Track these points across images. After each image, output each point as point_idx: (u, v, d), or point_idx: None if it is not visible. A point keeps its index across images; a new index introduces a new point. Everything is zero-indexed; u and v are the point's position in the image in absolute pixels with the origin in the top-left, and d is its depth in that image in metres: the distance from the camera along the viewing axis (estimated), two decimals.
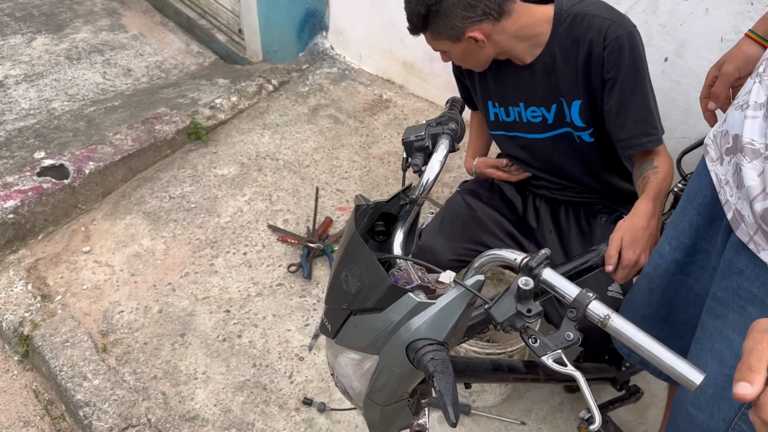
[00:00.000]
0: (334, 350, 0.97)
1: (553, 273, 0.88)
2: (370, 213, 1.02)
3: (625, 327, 0.81)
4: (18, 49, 3.68)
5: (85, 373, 2.03)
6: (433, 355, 0.80)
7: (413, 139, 1.10)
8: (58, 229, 2.53)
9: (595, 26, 1.49)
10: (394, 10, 3.12)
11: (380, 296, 0.85)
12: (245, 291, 2.31)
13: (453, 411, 0.74)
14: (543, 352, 0.83)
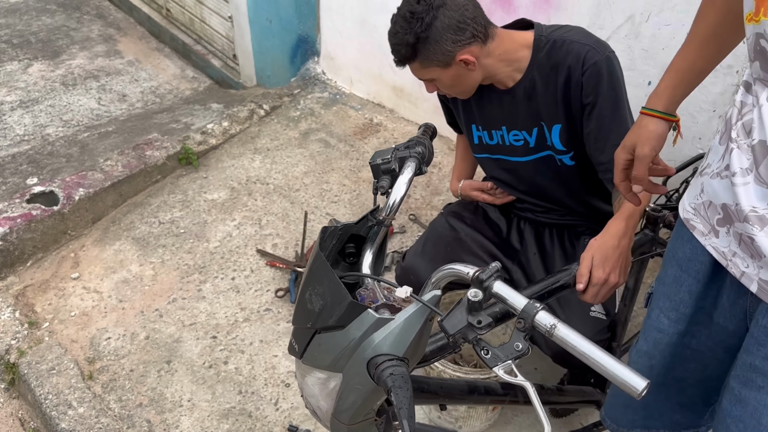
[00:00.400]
0: (302, 370, 0.98)
1: (503, 285, 0.90)
2: (338, 235, 1.03)
3: (571, 336, 0.82)
4: (14, 76, 3.72)
5: (70, 401, 2.03)
6: (392, 371, 0.81)
7: (380, 162, 1.12)
8: (47, 256, 2.54)
9: (574, 52, 1.51)
10: (382, 35, 3.13)
11: (341, 313, 0.86)
12: (232, 316, 2.31)
13: (409, 424, 0.75)
14: (494, 363, 0.84)
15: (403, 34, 1.48)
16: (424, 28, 1.46)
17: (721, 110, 2.12)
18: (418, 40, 1.47)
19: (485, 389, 1.27)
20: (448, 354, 1.08)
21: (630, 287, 1.62)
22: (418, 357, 0.93)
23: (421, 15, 1.46)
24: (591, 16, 2.33)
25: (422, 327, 0.85)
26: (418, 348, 0.88)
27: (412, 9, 1.47)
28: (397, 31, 1.50)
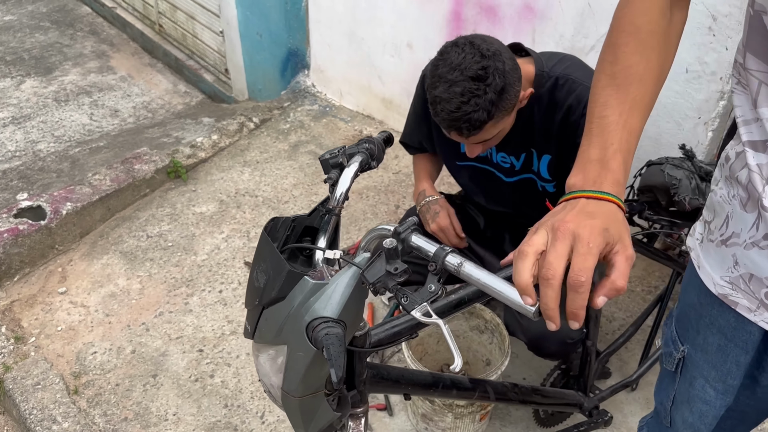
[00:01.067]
0: (256, 351, 1.01)
1: (418, 237, 0.96)
2: (292, 226, 1.07)
3: (475, 271, 0.88)
4: (6, 92, 3.74)
5: (55, 416, 2.01)
6: (327, 331, 0.85)
7: (328, 157, 1.17)
8: (35, 270, 2.54)
9: (576, 93, 1.52)
10: (371, 47, 3.17)
11: (281, 283, 0.91)
12: (219, 330, 2.29)
13: (336, 372, 0.80)
14: (412, 306, 0.90)
15: (477, 98, 1.36)
16: (499, 81, 1.36)
17: (706, 117, 2.12)
18: (499, 96, 1.37)
19: (451, 382, 1.27)
20: (404, 339, 1.10)
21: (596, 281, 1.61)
22: (356, 321, 0.97)
23: (490, 70, 1.36)
24: (575, 26, 2.34)
25: (355, 289, 0.90)
26: (354, 310, 0.92)
27: (474, 70, 1.35)
28: (463, 102, 1.36)
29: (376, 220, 2.76)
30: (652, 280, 2.46)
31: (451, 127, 1.42)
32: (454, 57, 1.37)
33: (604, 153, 0.79)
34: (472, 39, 1.39)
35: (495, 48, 1.38)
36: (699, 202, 1.52)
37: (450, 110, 1.38)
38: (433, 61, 1.44)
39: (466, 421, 1.85)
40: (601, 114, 0.82)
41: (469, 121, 1.38)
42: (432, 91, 1.40)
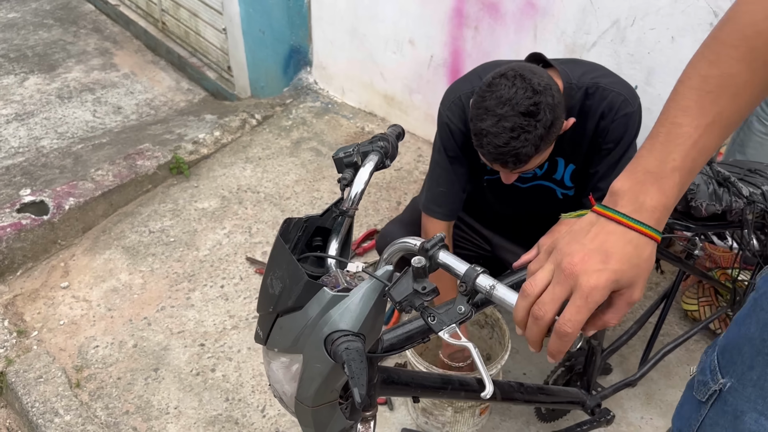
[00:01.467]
0: (267, 357, 0.99)
1: (447, 254, 0.92)
2: (304, 227, 1.04)
3: (509, 295, 0.84)
4: (10, 89, 3.75)
5: (57, 409, 2.02)
6: (347, 345, 0.82)
7: (342, 155, 1.13)
8: (37, 265, 2.55)
9: (609, 99, 1.52)
10: (373, 44, 3.18)
11: (299, 293, 0.88)
12: (221, 324, 2.30)
13: (359, 393, 0.77)
14: (439, 327, 0.88)
15: (526, 134, 1.32)
16: (549, 116, 1.33)
17: None
18: (547, 131, 1.34)
19: (459, 383, 1.27)
20: (416, 344, 1.08)
21: None
22: (376, 333, 0.94)
23: (542, 105, 1.32)
24: (577, 22, 2.34)
25: (376, 302, 0.87)
26: (373, 324, 0.90)
27: (526, 105, 1.32)
28: (513, 137, 1.32)
29: (378, 217, 2.76)
30: (652, 276, 2.46)
31: (496, 160, 1.39)
32: (504, 90, 1.32)
33: (662, 167, 0.69)
34: (522, 71, 1.34)
35: (546, 82, 1.34)
36: (715, 208, 1.51)
37: (497, 144, 1.34)
38: (479, 92, 1.38)
39: (465, 415, 1.86)
40: (676, 119, 0.69)
41: (516, 156, 1.36)
42: (478, 123, 1.36)
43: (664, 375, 2.11)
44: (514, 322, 0.74)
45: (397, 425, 1.96)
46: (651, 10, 2.12)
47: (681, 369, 2.14)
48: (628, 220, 0.68)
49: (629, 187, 0.69)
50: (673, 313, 2.30)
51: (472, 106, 1.39)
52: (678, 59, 2.12)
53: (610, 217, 0.69)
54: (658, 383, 2.09)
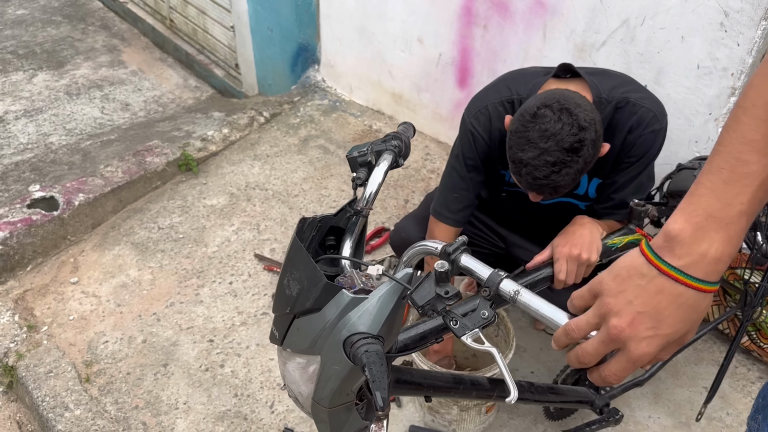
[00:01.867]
0: (283, 358, 0.99)
1: (469, 258, 0.93)
2: (318, 227, 1.04)
3: (533, 300, 0.85)
4: (19, 86, 3.77)
5: (67, 404, 2.03)
6: (366, 348, 0.82)
7: (356, 155, 1.13)
8: (47, 260, 2.56)
9: (639, 114, 1.52)
10: (381, 42, 3.18)
11: (317, 295, 0.88)
12: (229, 320, 2.31)
13: (381, 396, 0.76)
14: (462, 332, 0.87)
15: (567, 169, 1.32)
16: (591, 152, 1.33)
17: (717, 113, 2.12)
18: (587, 164, 1.35)
19: (471, 382, 1.27)
20: (430, 344, 1.09)
21: None
22: (394, 336, 0.94)
23: (586, 142, 1.32)
24: (587, 21, 2.34)
25: (396, 305, 0.87)
26: (393, 326, 0.89)
27: (570, 142, 1.30)
28: (554, 171, 1.32)
29: (386, 215, 2.77)
30: None
31: (532, 189, 1.39)
32: (549, 124, 1.30)
33: (727, 211, 0.60)
34: (567, 104, 1.31)
35: (590, 116, 1.32)
36: None
37: (537, 176, 1.34)
38: (521, 120, 1.35)
39: (472, 413, 1.86)
40: (742, 155, 0.60)
41: (554, 189, 1.36)
42: (518, 153, 1.34)
43: (671, 374, 2.11)
44: (553, 341, 0.73)
45: (405, 422, 1.97)
46: (661, 9, 2.12)
47: (688, 368, 2.14)
48: (685, 277, 0.60)
49: (689, 234, 0.60)
50: None
51: (512, 133, 1.37)
52: (688, 59, 2.12)
53: (664, 272, 0.61)
54: (666, 382, 2.09)
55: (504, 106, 1.59)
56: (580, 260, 1.37)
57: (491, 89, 1.65)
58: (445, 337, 1.12)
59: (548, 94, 1.36)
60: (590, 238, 1.42)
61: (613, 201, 1.62)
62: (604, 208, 1.63)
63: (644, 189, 1.62)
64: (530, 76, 1.60)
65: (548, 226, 1.82)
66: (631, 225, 1.52)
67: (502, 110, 1.59)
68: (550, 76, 1.56)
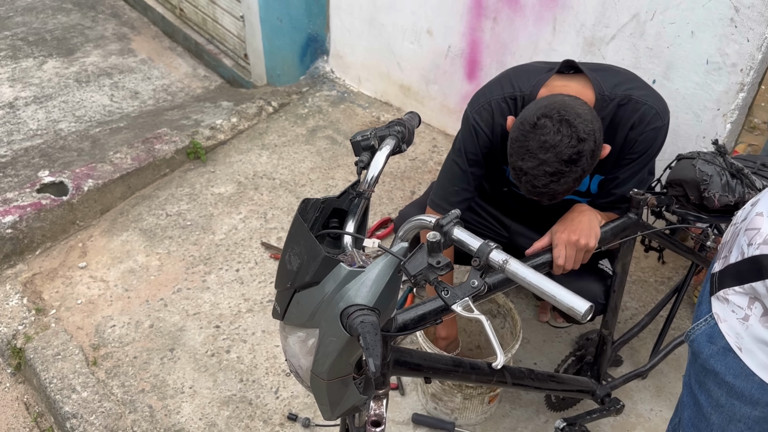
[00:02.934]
0: (284, 332, 1.02)
1: (461, 230, 0.95)
2: (321, 208, 1.07)
3: (520, 269, 0.88)
4: (29, 72, 3.79)
5: (74, 386, 2.06)
6: (362, 319, 0.85)
7: (360, 139, 1.16)
8: (56, 245, 2.58)
9: (641, 112, 1.52)
10: (390, 34, 3.19)
11: (316, 269, 0.91)
12: (236, 307, 2.33)
13: (374, 361, 0.79)
14: (453, 301, 0.90)
15: (565, 178, 1.34)
16: (590, 161, 1.34)
17: (725, 109, 2.12)
18: (585, 172, 1.36)
19: (470, 366, 1.29)
20: (429, 324, 1.11)
21: (618, 273, 1.63)
22: (390, 309, 0.97)
23: (585, 153, 1.32)
24: (596, 15, 2.34)
25: (391, 278, 0.90)
26: (388, 299, 0.92)
27: (569, 154, 1.31)
28: (552, 181, 1.34)
29: (392, 206, 2.78)
30: (665, 270, 2.47)
31: (531, 195, 1.40)
32: (548, 136, 1.30)
33: None
34: (567, 115, 1.31)
35: (590, 127, 1.32)
36: (728, 199, 1.52)
37: (536, 185, 1.35)
38: (521, 128, 1.35)
39: (475, 402, 1.88)
40: None
41: (552, 196, 1.38)
42: (518, 162, 1.35)
43: (674, 368, 2.12)
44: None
45: (408, 410, 1.99)
46: (671, 4, 2.12)
47: None
48: None
49: None
50: (684, 306, 2.31)
51: (512, 141, 1.38)
52: (697, 54, 2.12)
53: None
54: (668, 376, 2.10)
55: (507, 102, 1.59)
56: (579, 246, 1.39)
57: (494, 85, 1.66)
58: (445, 318, 1.14)
59: (549, 102, 1.36)
60: (589, 224, 1.43)
61: (614, 196, 1.63)
62: (605, 203, 1.64)
63: (645, 184, 1.64)
64: (533, 73, 1.60)
65: (551, 216, 1.83)
66: (630, 214, 1.53)
67: (505, 106, 1.59)
68: (553, 72, 1.56)
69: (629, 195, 1.52)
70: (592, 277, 1.68)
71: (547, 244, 1.42)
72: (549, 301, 0.87)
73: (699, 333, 1.02)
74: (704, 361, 1.00)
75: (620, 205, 1.61)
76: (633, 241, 1.58)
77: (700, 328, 1.02)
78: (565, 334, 2.24)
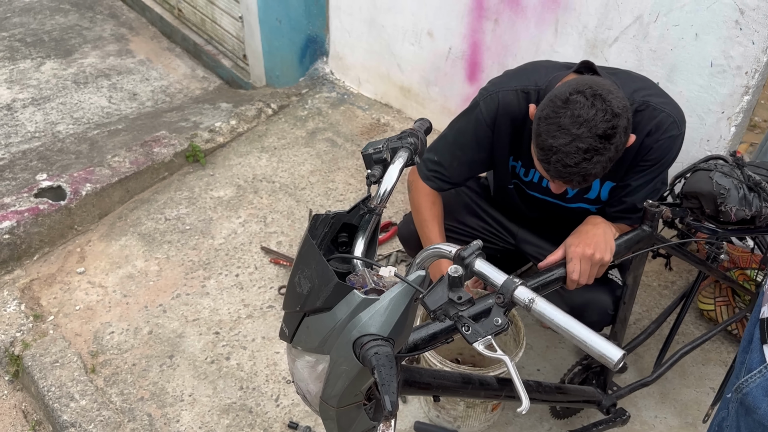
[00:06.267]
0: (292, 355, 0.99)
1: (484, 263, 0.92)
2: (331, 223, 1.04)
3: (548, 309, 0.85)
4: (27, 74, 3.76)
5: (73, 394, 2.04)
6: (376, 350, 0.81)
7: (371, 151, 1.11)
8: (54, 250, 2.56)
9: (658, 119, 1.50)
10: (391, 35, 3.16)
11: (328, 294, 0.87)
12: (235, 313, 2.31)
13: (389, 400, 0.76)
14: (474, 338, 0.86)
15: (599, 156, 1.29)
16: (624, 139, 1.30)
17: (730, 112, 2.10)
18: (618, 153, 1.31)
19: (480, 382, 1.26)
20: (440, 344, 1.08)
21: (629, 284, 1.60)
22: (404, 338, 0.93)
23: (619, 129, 1.28)
24: (599, 17, 2.32)
25: (407, 307, 0.86)
26: (403, 328, 0.88)
27: (604, 128, 1.27)
28: (586, 158, 1.28)
29: (393, 209, 2.76)
30: (668, 275, 2.45)
31: (560, 177, 1.34)
32: (582, 110, 1.26)
33: None
34: (600, 91, 1.28)
35: (623, 103, 1.29)
36: (744, 213, 1.49)
37: (567, 164, 1.29)
38: (552, 105, 1.31)
39: (477, 410, 1.86)
40: None
41: (584, 177, 1.32)
42: (548, 140, 1.30)
43: (678, 374, 2.10)
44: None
45: (410, 418, 1.97)
46: (675, 6, 2.10)
47: (696, 369, 2.13)
48: None
49: None
50: (689, 312, 2.29)
51: (542, 120, 1.32)
52: (701, 56, 2.09)
53: None
54: (673, 382, 2.08)
55: (518, 94, 1.56)
56: (594, 260, 1.35)
57: (511, 76, 1.63)
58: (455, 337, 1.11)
59: (580, 80, 1.33)
60: (604, 237, 1.40)
61: (625, 204, 1.60)
62: (616, 212, 1.62)
63: (657, 194, 1.61)
64: (551, 69, 1.58)
65: (558, 223, 1.81)
66: (644, 226, 1.51)
67: (514, 98, 1.56)
68: (571, 71, 1.53)
69: (644, 207, 1.49)
70: (602, 287, 1.66)
71: (561, 257, 1.39)
72: (578, 345, 0.83)
73: (754, 386, 0.92)
74: (762, 418, 0.91)
75: (631, 215, 1.58)
76: (646, 253, 1.56)
77: (754, 380, 0.93)
78: (568, 340, 2.22)
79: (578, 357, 2.00)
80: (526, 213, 1.86)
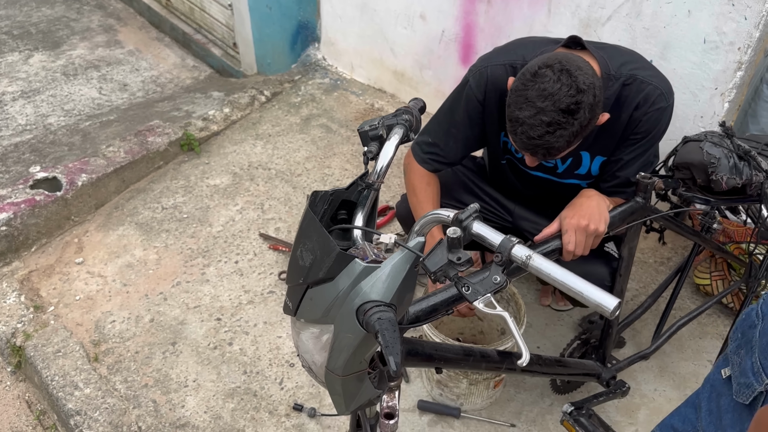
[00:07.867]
0: (297, 328, 1.00)
1: (481, 224, 0.94)
2: (330, 200, 1.05)
3: (545, 264, 0.87)
4: (15, 66, 3.73)
5: (77, 383, 2.04)
6: (379, 315, 0.83)
7: (367, 128, 1.14)
8: (51, 241, 2.55)
9: (646, 92, 1.51)
10: (383, 19, 3.16)
11: (330, 264, 0.89)
12: (236, 299, 2.32)
13: (394, 360, 0.78)
14: (474, 297, 0.89)
15: (562, 130, 1.31)
16: (588, 116, 1.31)
17: (723, 88, 2.12)
18: (583, 129, 1.33)
19: (481, 354, 1.28)
20: (440, 315, 1.10)
21: (625, 256, 1.63)
22: (406, 305, 0.95)
23: (583, 105, 1.30)
24: None
25: (407, 273, 0.88)
26: (404, 295, 0.90)
27: (567, 103, 1.29)
28: (548, 132, 1.30)
29: (390, 193, 2.77)
30: (664, 251, 2.48)
31: (526, 149, 1.38)
32: (548, 84, 1.29)
33: None
34: (568, 66, 1.30)
35: (590, 80, 1.31)
36: (735, 182, 1.51)
37: (531, 136, 1.32)
38: (522, 78, 1.34)
39: (480, 387, 1.88)
40: None
41: (547, 150, 1.35)
42: (515, 111, 1.33)
43: (676, 348, 2.13)
44: None
45: (413, 397, 1.99)
46: None
47: (693, 342, 2.16)
48: None
49: None
50: (685, 287, 2.32)
51: (512, 92, 1.36)
52: (694, 33, 2.11)
53: None
54: (671, 356, 2.11)
55: (506, 69, 1.58)
56: (589, 231, 1.38)
57: (500, 51, 1.66)
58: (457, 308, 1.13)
59: (551, 55, 1.36)
60: (598, 209, 1.43)
61: (618, 179, 1.62)
62: (610, 187, 1.64)
63: (650, 167, 1.63)
64: (539, 44, 1.60)
65: (553, 199, 1.83)
66: (637, 198, 1.53)
67: (502, 72, 1.58)
68: (559, 45, 1.55)
69: (636, 179, 1.51)
70: (598, 260, 1.68)
71: (557, 230, 1.42)
72: (575, 296, 0.86)
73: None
74: None
75: (625, 189, 1.60)
76: (640, 225, 1.58)
77: None
78: (567, 317, 2.25)
79: (576, 332, 2.03)
80: (521, 190, 1.88)
